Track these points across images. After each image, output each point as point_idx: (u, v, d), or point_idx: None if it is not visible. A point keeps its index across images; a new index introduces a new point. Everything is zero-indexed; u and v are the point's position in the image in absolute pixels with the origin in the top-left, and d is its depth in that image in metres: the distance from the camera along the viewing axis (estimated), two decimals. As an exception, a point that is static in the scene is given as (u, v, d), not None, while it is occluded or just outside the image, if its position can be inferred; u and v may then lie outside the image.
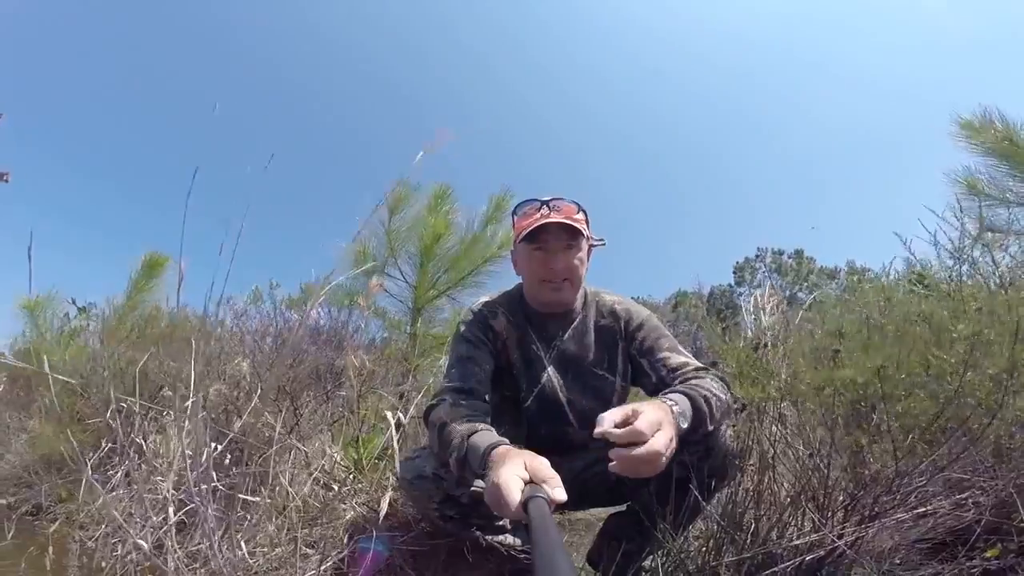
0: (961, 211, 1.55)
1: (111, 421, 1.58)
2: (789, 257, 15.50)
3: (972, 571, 1.04)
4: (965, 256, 1.38)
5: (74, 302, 4.44)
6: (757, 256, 16.73)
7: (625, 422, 0.82)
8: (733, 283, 16.70)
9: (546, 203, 1.23)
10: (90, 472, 1.39)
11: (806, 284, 14.68)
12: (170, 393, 2.00)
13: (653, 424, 0.82)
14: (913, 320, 1.11)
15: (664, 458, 0.82)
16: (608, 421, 0.82)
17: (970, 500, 1.10)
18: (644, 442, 0.80)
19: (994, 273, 1.44)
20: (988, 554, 1.06)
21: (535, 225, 1.19)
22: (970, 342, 0.95)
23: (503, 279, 3.44)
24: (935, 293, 1.36)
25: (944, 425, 1.03)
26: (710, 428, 1.03)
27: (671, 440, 0.84)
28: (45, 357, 1.97)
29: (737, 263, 16.82)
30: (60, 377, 2.06)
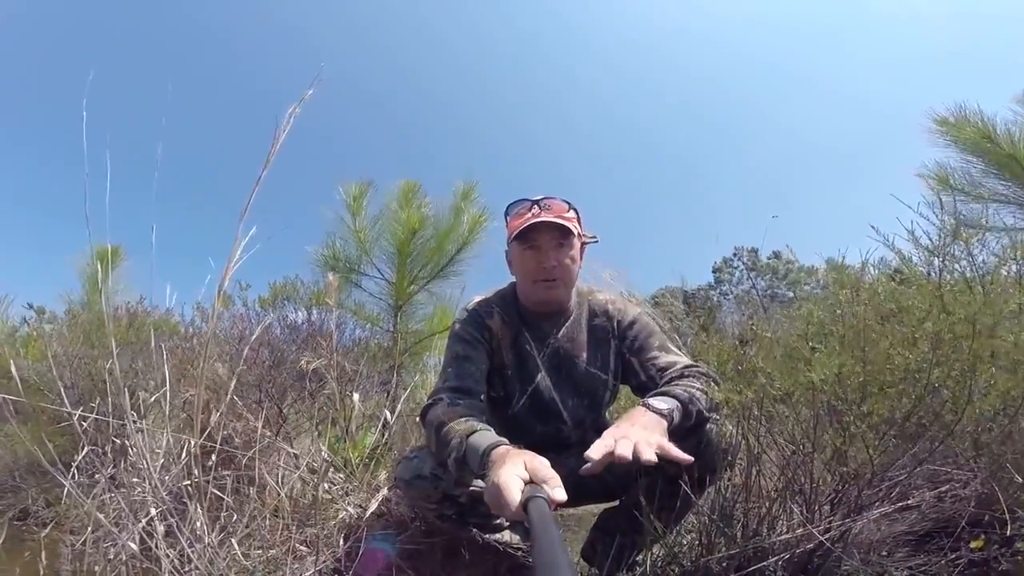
0: (942, 208, 1.57)
1: (81, 424, 1.53)
2: (769, 258, 15.78)
3: (957, 562, 1.06)
4: (944, 252, 1.40)
5: (31, 306, 4.28)
6: (735, 255, 17.00)
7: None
8: (713, 282, 16.95)
9: (537, 203, 1.24)
10: (76, 475, 1.36)
11: (784, 283, 14.96)
12: (145, 394, 1.95)
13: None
14: (889, 316, 1.13)
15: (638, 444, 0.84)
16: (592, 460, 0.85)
17: (949, 493, 1.12)
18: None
19: (973, 269, 1.48)
20: (973, 545, 1.08)
21: (526, 224, 1.20)
22: (934, 341, 0.96)
23: (478, 267, 3.43)
24: (914, 289, 1.39)
25: (919, 420, 1.05)
26: (696, 421, 1.06)
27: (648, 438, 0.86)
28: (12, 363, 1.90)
29: (716, 263, 17.07)
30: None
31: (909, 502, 1.10)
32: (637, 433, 0.87)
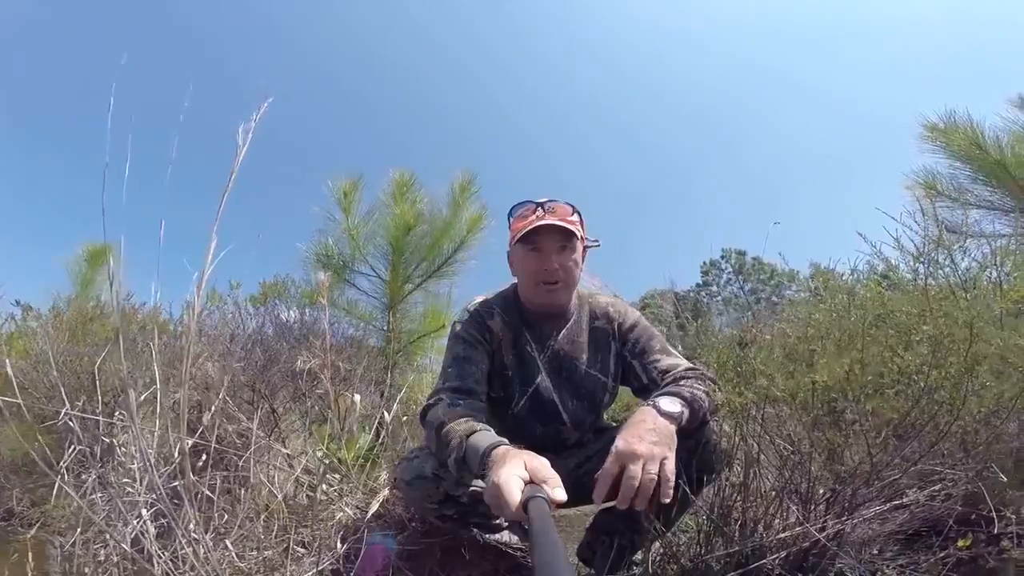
0: (923, 214, 1.61)
1: (70, 423, 1.51)
2: (755, 259, 15.97)
3: (946, 560, 1.09)
4: (929, 257, 1.44)
5: (18, 303, 4.19)
6: (722, 257, 17.15)
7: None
8: (700, 283, 17.09)
9: (541, 205, 1.24)
10: (65, 476, 1.34)
11: (769, 286, 15.14)
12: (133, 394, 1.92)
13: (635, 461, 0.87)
14: (879, 320, 1.15)
15: (646, 465, 0.86)
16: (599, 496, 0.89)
17: (942, 492, 1.14)
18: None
19: (954, 273, 1.52)
20: (960, 544, 1.10)
21: (530, 227, 1.20)
22: (932, 343, 0.99)
23: (476, 266, 3.41)
24: (902, 293, 1.41)
25: (914, 421, 1.07)
26: (700, 423, 1.06)
27: (656, 454, 0.88)
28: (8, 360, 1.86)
29: (704, 264, 17.21)
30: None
31: (900, 501, 1.12)
32: (645, 449, 0.87)
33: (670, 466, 0.87)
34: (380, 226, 3.35)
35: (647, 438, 0.89)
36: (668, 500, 0.86)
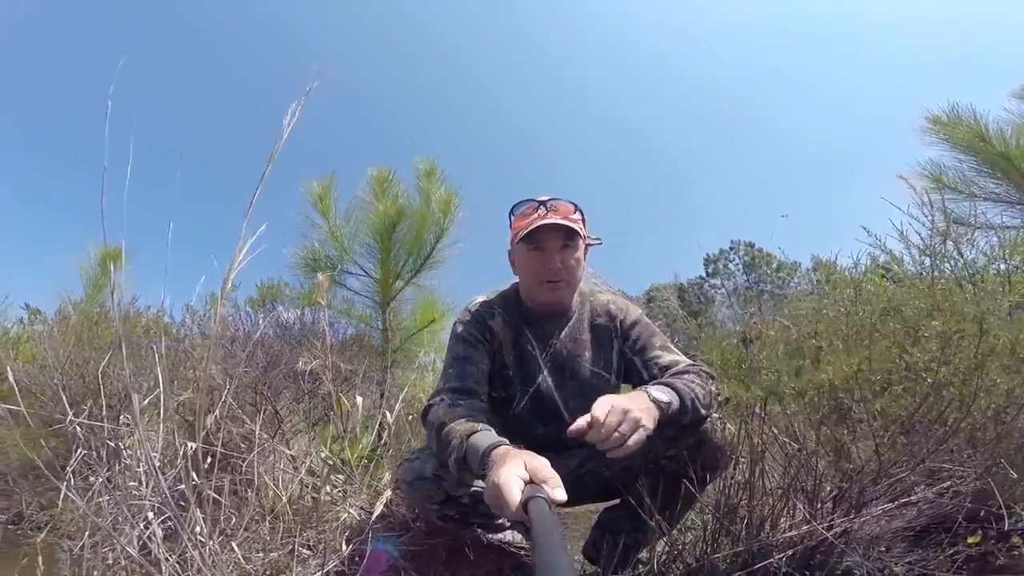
0: (932, 208, 1.58)
1: (77, 428, 1.51)
2: (759, 251, 15.86)
3: (955, 557, 1.08)
4: (936, 251, 1.41)
5: (27, 306, 4.21)
6: (731, 248, 17.03)
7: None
8: (705, 275, 17.00)
9: (543, 203, 1.23)
10: (72, 480, 1.35)
11: (778, 277, 15.05)
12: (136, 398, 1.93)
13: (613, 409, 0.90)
14: (885, 314, 1.14)
15: (624, 420, 0.89)
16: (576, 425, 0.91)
17: (951, 489, 1.13)
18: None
19: (963, 267, 1.49)
20: (970, 541, 1.09)
21: (532, 226, 1.19)
22: (942, 339, 0.97)
23: (460, 252, 3.41)
24: (908, 288, 1.39)
25: (922, 417, 1.06)
26: (692, 418, 1.06)
27: (630, 412, 0.90)
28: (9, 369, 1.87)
29: (709, 255, 17.10)
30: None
31: (908, 499, 1.11)
32: (631, 406, 0.91)
33: (642, 433, 0.90)
34: (363, 224, 3.30)
35: (634, 404, 0.93)
36: (621, 455, 0.90)
